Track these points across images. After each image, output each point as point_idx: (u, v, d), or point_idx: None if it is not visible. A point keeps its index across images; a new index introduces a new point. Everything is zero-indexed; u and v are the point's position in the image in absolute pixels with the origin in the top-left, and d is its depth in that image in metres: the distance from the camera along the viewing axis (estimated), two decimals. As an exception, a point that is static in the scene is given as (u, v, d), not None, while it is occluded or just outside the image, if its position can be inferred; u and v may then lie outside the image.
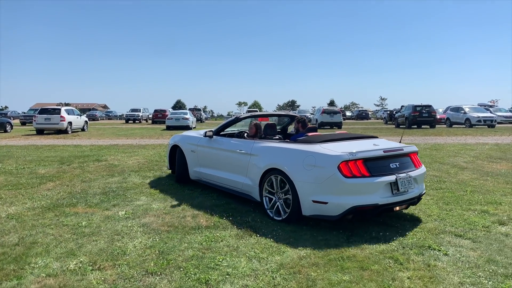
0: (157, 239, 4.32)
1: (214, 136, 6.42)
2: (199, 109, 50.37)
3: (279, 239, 4.27)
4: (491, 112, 29.29)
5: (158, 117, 37.12)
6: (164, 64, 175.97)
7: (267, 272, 3.47)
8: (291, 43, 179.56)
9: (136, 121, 43.64)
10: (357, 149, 4.52)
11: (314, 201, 4.49)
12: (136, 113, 44.12)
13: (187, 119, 27.69)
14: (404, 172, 4.66)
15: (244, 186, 5.57)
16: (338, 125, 28.51)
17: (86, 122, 25.41)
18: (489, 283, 3.24)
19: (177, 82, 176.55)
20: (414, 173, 4.76)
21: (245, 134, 6.43)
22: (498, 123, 28.90)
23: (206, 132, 6.62)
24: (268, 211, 5.07)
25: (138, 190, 6.77)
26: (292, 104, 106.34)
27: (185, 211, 5.43)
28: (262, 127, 6.36)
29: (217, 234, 4.47)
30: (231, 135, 6.63)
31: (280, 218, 4.86)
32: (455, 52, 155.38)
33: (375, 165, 4.50)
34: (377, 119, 54.77)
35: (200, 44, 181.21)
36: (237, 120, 6.48)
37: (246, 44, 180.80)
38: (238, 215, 5.18)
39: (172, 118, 27.90)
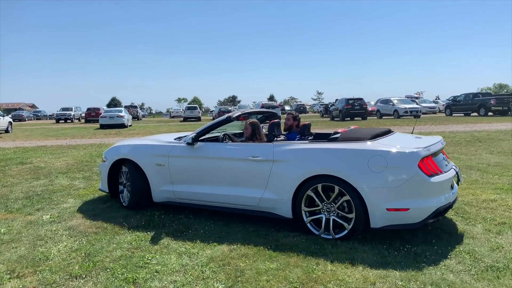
0: (84, 242, 4.17)
1: (197, 143, 4.88)
2: (136, 106, 48.79)
3: (211, 234, 4.31)
4: (416, 104, 31.46)
5: (92, 115, 35.40)
6: (97, 60, 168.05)
7: (197, 267, 3.50)
8: (229, 37, 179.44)
9: (68, 121, 41.27)
10: (424, 144, 4.07)
11: (389, 210, 3.78)
12: (68, 112, 41.70)
13: (122, 117, 26.67)
14: (453, 165, 4.43)
15: (262, 202, 4.39)
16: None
17: (10, 123, 23.60)
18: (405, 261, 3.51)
19: (113, 79, 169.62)
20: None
21: (229, 137, 5.46)
22: (423, 113, 31.13)
23: (182, 138, 5.19)
24: (311, 228, 4.14)
25: (65, 192, 6.45)
26: (233, 100, 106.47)
27: (116, 211, 5.27)
28: (261, 127, 5.16)
29: (148, 232, 4.40)
30: (212, 140, 5.31)
31: (332, 237, 3.99)
32: (387, 47, 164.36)
33: (438, 160, 4.12)
34: (314, 112, 56.52)
35: (136, 39, 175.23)
36: (227, 120, 5.02)
37: (183, 39, 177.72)
38: (170, 212, 5.13)
39: (106, 117, 26.73)
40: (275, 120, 5.41)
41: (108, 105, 73.93)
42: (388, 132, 4.64)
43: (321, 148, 4.18)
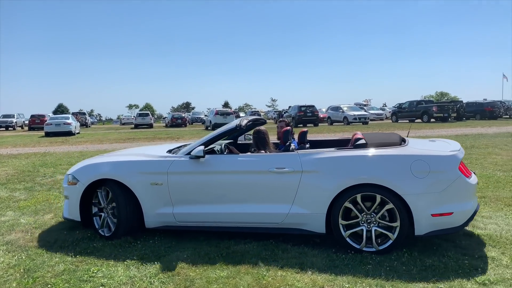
0: (23, 257, 3.93)
1: (205, 156, 4.19)
2: (84, 113, 46.96)
3: (161, 244, 4.21)
4: (365, 111, 32.73)
5: (36, 123, 33.62)
6: (42, 64, 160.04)
7: (145, 278, 3.40)
8: (182, 42, 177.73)
9: (10, 128, 38.88)
10: (455, 147, 4.07)
11: (434, 215, 3.70)
12: (9, 119, 39.24)
13: (69, 124, 25.49)
14: None
15: (289, 218, 3.99)
16: (231, 126, 29.05)
17: None
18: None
19: (60, 84, 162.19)
20: None
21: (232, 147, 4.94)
22: (371, 120, 32.45)
23: (174, 151, 4.69)
24: (350, 242, 3.85)
25: (4, 205, 6.06)
26: (186, 106, 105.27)
27: (60, 224, 5.02)
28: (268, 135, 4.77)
29: (94, 244, 4.22)
30: (209, 152, 4.53)
31: (373, 249, 3.78)
32: (337, 56, 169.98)
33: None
34: (268, 119, 57.19)
35: (84, 44, 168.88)
36: (238, 129, 4.51)
37: (134, 44, 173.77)
38: (118, 222, 4.96)
39: (51, 124, 25.42)
40: (287, 128, 4.93)
41: (55, 112, 70.47)
42: (400, 137, 4.48)
43: (359, 155, 3.93)
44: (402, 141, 4.21)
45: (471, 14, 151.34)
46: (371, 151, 3.95)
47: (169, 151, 4.79)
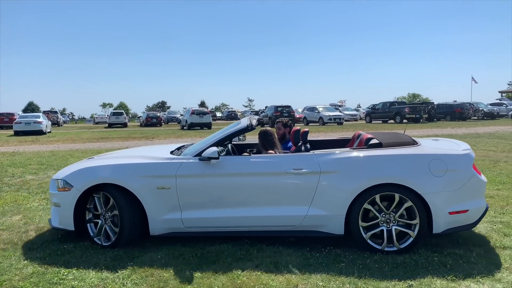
0: (-11, 260, 3.79)
1: (219, 158, 3.98)
2: (56, 112, 45.60)
3: (134, 245, 4.13)
4: (340, 111, 33.21)
5: (4, 121, 32.49)
6: (10, 60, 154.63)
7: (117, 279, 3.34)
8: (157, 40, 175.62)
9: (-24, 127, 37.46)
10: (466, 146, 4.20)
11: (451, 213, 3.78)
12: (-25, 118, 37.86)
13: (39, 122, 24.76)
14: None
15: (307, 220, 3.91)
16: (208, 126, 28.90)
17: None
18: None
19: (30, 82, 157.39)
20: None
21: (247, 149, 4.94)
22: (346, 120, 32.94)
23: (175, 152, 4.42)
24: (372, 243, 3.83)
25: (-31, 206, 5.82)
26: (162, 105, 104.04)
27: (28, 225, 4.87)
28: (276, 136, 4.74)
29: (65, 246, 4.12)
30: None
31: (394, 249, 3.79)
32: (312, 56, 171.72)
33: None
34: (245, 119, 57.23)
35: (56, 39, 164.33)
36: (249, 129, 4.27)
37: (107, 41, 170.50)
38: (90, 223, 4.85)
39: (21, 122, 24.63)
40: (298, 128, 4.92)
41: (24, 110, 68.41)
42: (410, 137, 4.52)
43: (379, 155, 3.93)
44: (414, 141, 4.25)
45: (444, 17, 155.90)
46: (390, 151, 3.96)
47: (173, 152, 4.58)
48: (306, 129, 5.00)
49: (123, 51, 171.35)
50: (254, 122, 4.37)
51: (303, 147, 4.61)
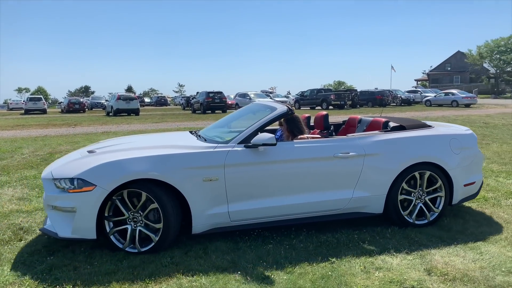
0: None
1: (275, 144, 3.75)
2: (-38, 97, 41.10)
3: (55, 239, 3.90)
4: (271, 98, 33.79)
5: None
6: None
7: (36, 275, 3.14)
8: (82, 20, 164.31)
9: None
10: (466, 127, 4.81)
11: (465, 185, 4.35)
12: None
13: None
14: None
15: (352, 202, 4.01)
16: (135, 112, 27.82)
17: None
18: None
19: None
20: None
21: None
22: (276, 107, 33.63)
23: (238, 137, 3.86)
24: (406, 217, 4.14)
25: None
26: (85, 90, 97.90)
27: None
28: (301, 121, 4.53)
29: (-26, 244, 3.77)
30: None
31: (425, 221, 4.18)
32: (244, 42, 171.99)
33: None
34: (176, 105, 55.96)
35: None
36: (290, 113, 4.12)
37: (25, 19, 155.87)
38: (4, 218, 4.50)
39: None
40: (325, 113, 5.06)
41: None
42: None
43: (415, 136, 4.27)
44: (426, 124, 4.67)
45: (367, 12, 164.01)
46: (417, 132, 4.34)
47: (202, 139, 4.18)
48: (307, 115, 5.04)
49: (40, 30, 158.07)
50: (290, 106, 4.34)
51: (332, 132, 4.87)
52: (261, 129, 3.94)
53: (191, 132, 4.81)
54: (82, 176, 3.46)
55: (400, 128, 4.40)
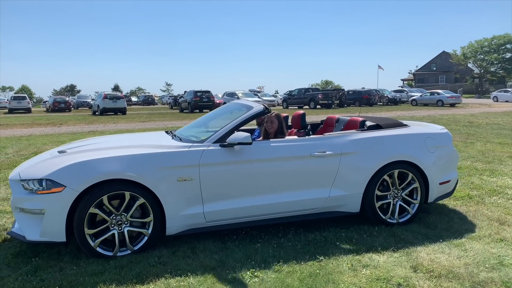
0: None
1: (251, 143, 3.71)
2: None
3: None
4: (258, 97, 33.80)
5: None
6: None
7: (20, 277, 3.10)
8: (67, 17, 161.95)
9: None
10: (441, 126, 4.89)
11: (440, 183, 4.37)
12: None
13: None
14: None
15: (329, 201, 4.00)
16: (122, 111, 27.56)
17: None
18: (241, 243, 3.73)
19: None
20: None
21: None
22: (264, 106, 33.70)
23: (213, 137, 3.78)
24: (384, 218, 4.15)
25: None
26: (71, 89, 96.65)
27: None
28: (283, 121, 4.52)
29: (-44, 245, 3.69)
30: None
31: (402, 220, 4.21)
32: (232, 42, 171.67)
33: None
34: (163, 104, 55.60)
35: None
36: (266, 113, 4.04)
37: (9, 15, 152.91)
38: (-13, 219, 4.41)
39: None
40: (302, 112, 4.80)
41: None
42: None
43: (391, 135, 4.28)
44: (402, 123, 4.70)
45: (354, 12, 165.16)
46: (393, 131, 4.36)
47: (177, 138, 4.10)
48: (302, 112, 4.89)
49: (25, 27, 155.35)
50: (267, 105, 4.15)
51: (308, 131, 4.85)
52: (237, 128, 3.87)
53: (167, 132, 4.74)
54: (51, 177, 3.33)
55: (377, 127, 4.42)
